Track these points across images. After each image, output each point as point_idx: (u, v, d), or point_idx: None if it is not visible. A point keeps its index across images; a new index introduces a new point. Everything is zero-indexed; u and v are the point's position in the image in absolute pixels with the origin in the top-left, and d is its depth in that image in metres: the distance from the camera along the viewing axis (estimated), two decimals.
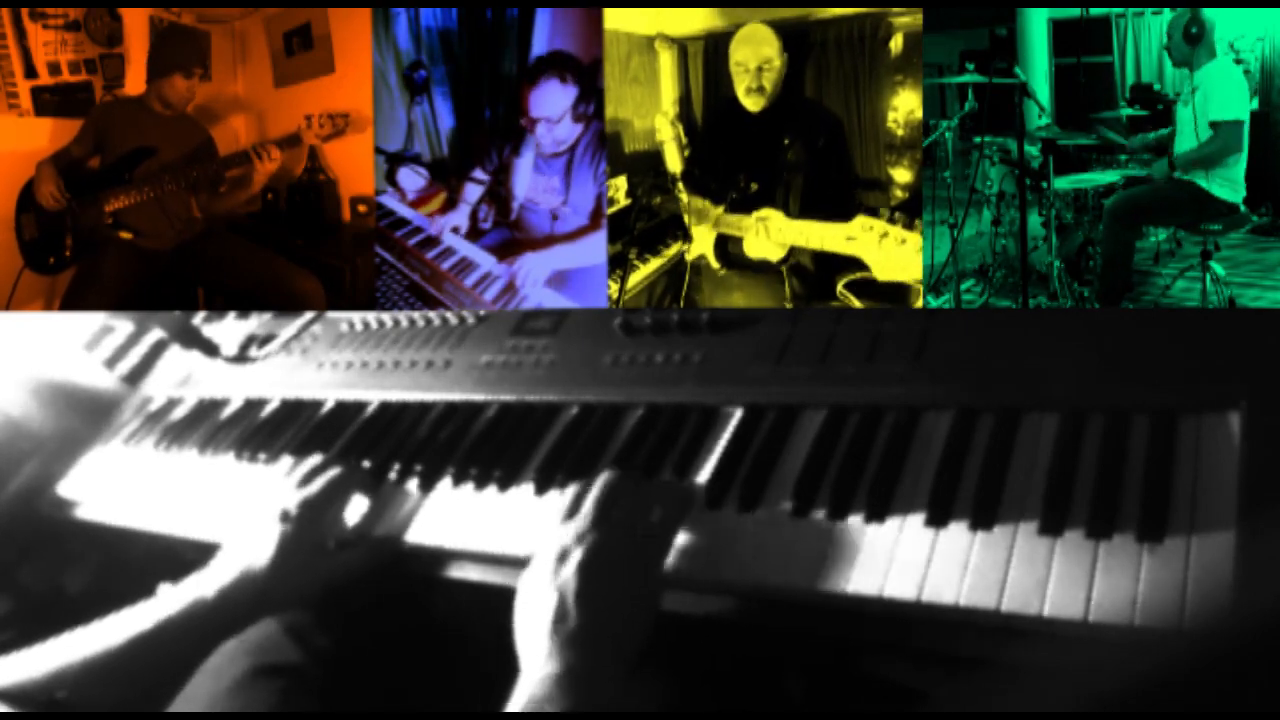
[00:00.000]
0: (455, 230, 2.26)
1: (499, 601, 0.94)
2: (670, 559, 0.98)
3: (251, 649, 1.11)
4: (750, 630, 0.98)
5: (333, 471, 1.20)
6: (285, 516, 1.13)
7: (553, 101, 2.05)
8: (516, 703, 0.82)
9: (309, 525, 1.14)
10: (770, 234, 1.85)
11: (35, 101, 2.76)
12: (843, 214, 1.87)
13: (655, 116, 2.13)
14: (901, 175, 1.85)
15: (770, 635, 1.00)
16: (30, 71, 2.75)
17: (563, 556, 0.92)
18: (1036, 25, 5.24)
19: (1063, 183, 3.28)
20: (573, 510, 0.98)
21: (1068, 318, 1.09)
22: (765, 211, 1.88)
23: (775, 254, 1.89)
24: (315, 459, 1.24)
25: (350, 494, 1.21)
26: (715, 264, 2.05)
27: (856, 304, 1.85)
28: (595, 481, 1.00)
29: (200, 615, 1.06)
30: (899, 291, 1.80)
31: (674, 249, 2.14)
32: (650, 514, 0.98)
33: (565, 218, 2.13)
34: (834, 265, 1.90)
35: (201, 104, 2.98)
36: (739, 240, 1.99)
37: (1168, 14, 3.04)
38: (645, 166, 2.12)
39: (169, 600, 1.07)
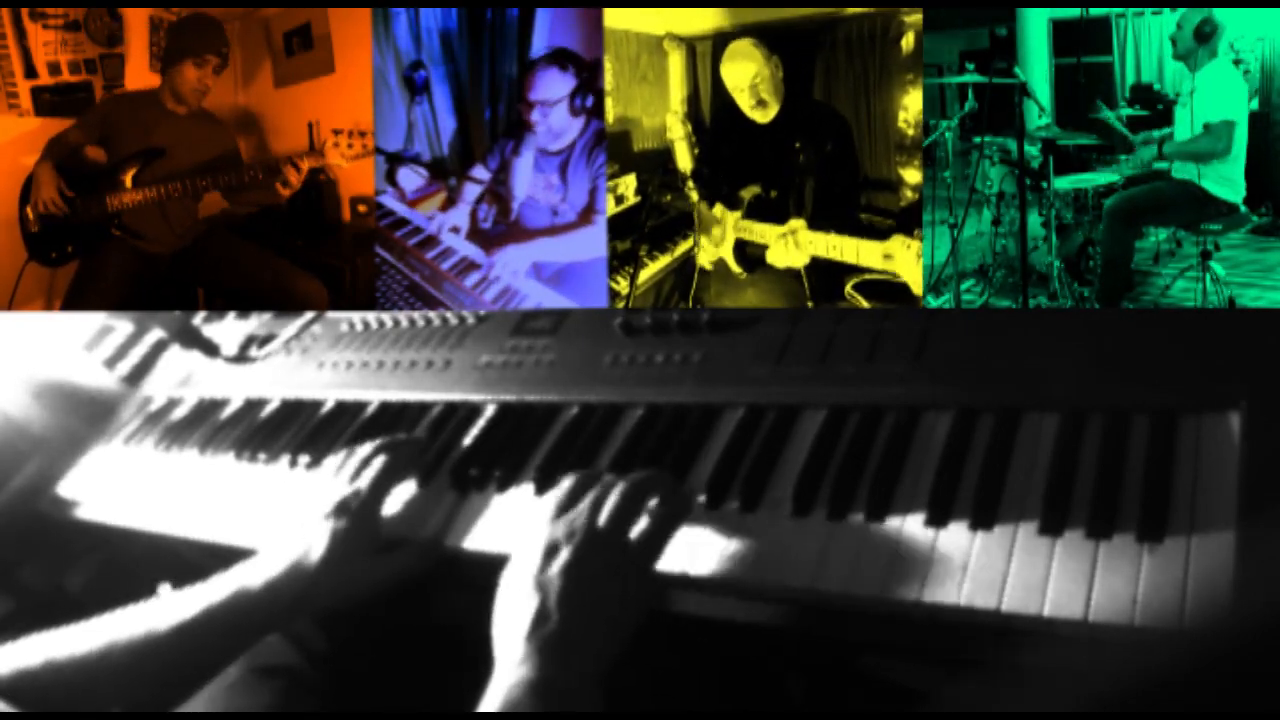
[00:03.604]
0: (455, 230, 2.26)
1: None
2: (670, 559, 0.98)
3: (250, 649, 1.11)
4: (750, 630, 0.98)
5: (380, 463, 1.14)
6: (340, 511, 1.08)
7: (551, 87, 2.06)
8: (489, 703, 0.81)
9: (363, 522, 1.09)
10: (800, 245, 1.86)
11: (35, 101, 2.76)
12: (853, 216, 1.87)
13: (666, 115, 2.14)
14: (912, 176, 1.85)
15: (770, 635, 0.99)
16: (30, 71, 2.75)
17: (549, 554, 0.89)
18: (1036, 25, 5.24)
19: (1063, 183, 3.28)
20: (565, 507, 0.96)
21: (1068, 318, 1.09)
22: (794, 224, 1.89)
23: (800, 261, 1.91)
24: (367, 448, 1.18)
25: (399, 480, 1.18)
26: (736, 268, 2.06)
27: (865, 305, 1.86)
28: (592, 479, 0.99)
29: (247, 608, 1.03)
30: (906, 294, 1.81)
31: (682, 247, 2.14)
32: (643, 518, 0.95)
33: (564, 215, 2.14)
34: (845, 265, 1.91)
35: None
36: (760, 246, 2.00)
37: (1168, 12, 3.03)
38: (654, 164, 2.13)
39: (217, 589, 1.04)
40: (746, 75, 1.96)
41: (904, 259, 1.76)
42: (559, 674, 0.82)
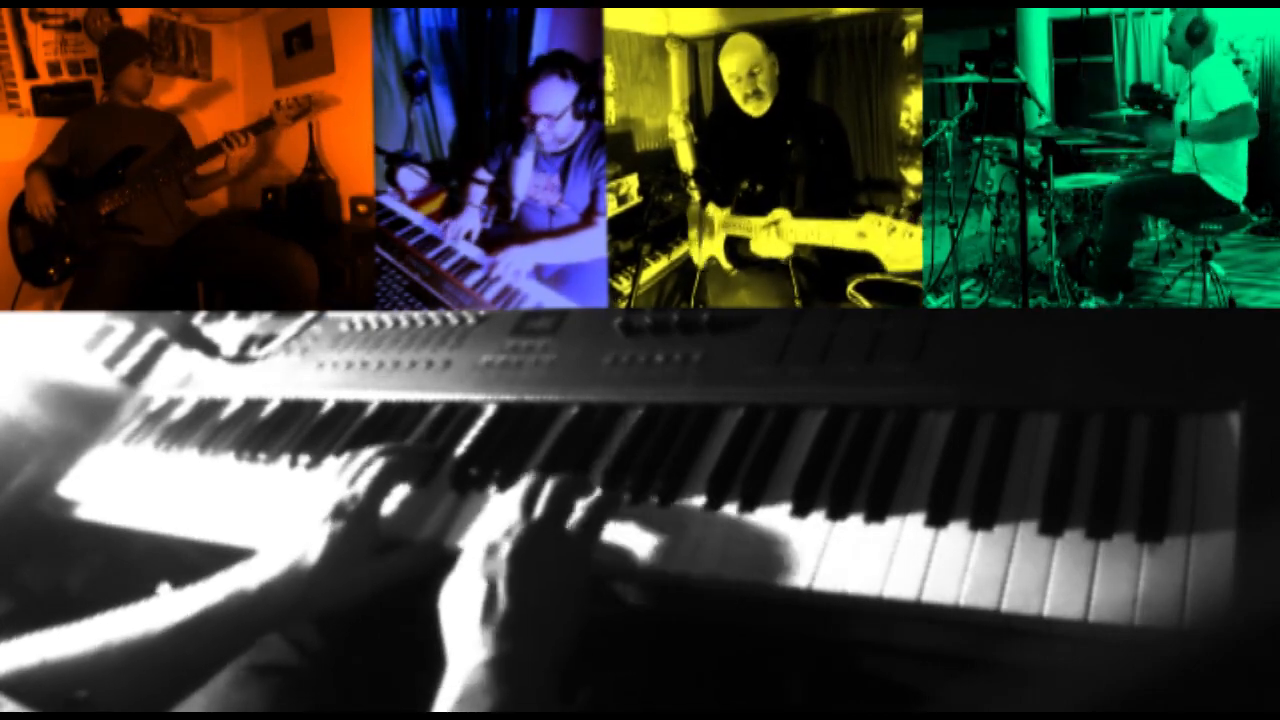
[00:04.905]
0: (468, 236, 2.26)
1: None
2: (671, 559, 0.98)
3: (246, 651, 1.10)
4: (750, 630, 0.98)
5: (379, 466, 1.15)
6: (338, 514, 1.09)
7: (553, 98, 2.06)
8: (448, 694, 0.82)
9: (361, 525, 1.09)
10: (782, 234, 1.88)
11: (35, 101, 2.76)
12: (844, 211, 1.88)
13: (669, 116, 2.15)
14: (914, 176, 1.85)
15: (770, 635, 0.99)
16: (30, 71, 2.75)
17: (491, 550, 0.94)
18: (1036, 25, 5.24)
19: (1063, 183, 3.28)
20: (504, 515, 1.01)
21: (1068, 318, 1.09)
22: (777, 214, 1.90)
23: (783, 251, 1.92)
24: (369, 452, 1.19)
25: (397, 484, 1.19)
26: (726, 264, 2.07)
27: (866, 305, 1.86)
28: (520, 484, 1.03)
29: (243, 609, 1.03)
30: (908, 294, 1.82)
31: (684, 247, 2.15)
32: (574, 508, 1.00)
33: (562, 215, 2.14)
34: (840, 262, 1.91)
35: (202, 103, 2.99)
36: (748, 241, 2.01)
37: (1168, 13, 3.03)
38: (656, 165, 2.13)
39: (212, 590, 1.04)
40: (744, 63, 1.96)
41: (875, 235, 1.78)
42: (514, 652, 0.85)
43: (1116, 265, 3.05)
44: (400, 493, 1.22)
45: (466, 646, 0.86)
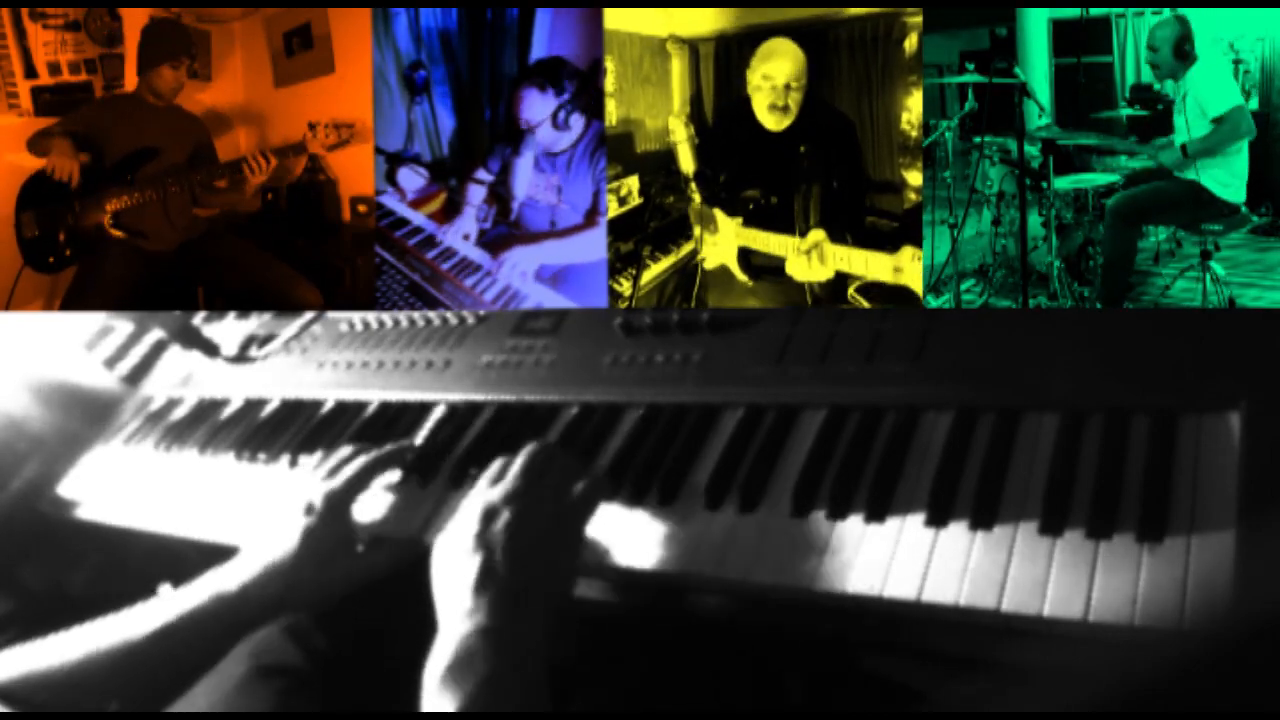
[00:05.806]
0: (466, 238, 2.26)
1: None
2: (672, 559, 0.98)
3: (252, 649, 1.11)
4: (750, 630, 0.98)
5: (356, 464, 1.15)
6: (309, 510, 1.10)
7: (532, 108, 2.07)
8: (439, 660, 0.82)
9: (333, 520, 1.10)
10: (825, 260, 1.86)
11: (35, 101, 2.77)
12: (860, 221, 1.86)
13: (669, 118, 2.14)
14: (915, 177, 1.85)
15: (770, 635, 0.99)
16: (30, 71, 2.75)
17: (489, 516, 0.93)
18: (1036, 25, 5.23)
19: (1063, 183, 3.28)
20: (499, 476, 1.00)
21: (1068, 318, 1.09)
22: (815, 236, 1.88)
23: (824, 275, 1.90)
24: (344, 451, 1.19)
25: (374, 482, 1.18)
26: (741, 276, 2.06)
27: (866, 306, 1.86)
28: (522, 450, 1.02)
29: (223, 610, 1.04)
30: (907, 297, 1.81)
31: (685, 248, 2.15)
32: (573, 485, 1.00)
33: (562, 215, 2.14)
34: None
35: (203, 104, 2.99)
36: (770, 255, 1.99)
37: (1167, 13, 3.02)
38: (657, 166, 2.13)
39: (193, 594, 1.05)
40: (785, 73, 1.94)
41: (911, 271, 1.76)
42: (510, 622, 0.85)
43: (1120, 278, 3.04)
44: (398, 493, 1.22)
45: (460, 612, 0.86)
